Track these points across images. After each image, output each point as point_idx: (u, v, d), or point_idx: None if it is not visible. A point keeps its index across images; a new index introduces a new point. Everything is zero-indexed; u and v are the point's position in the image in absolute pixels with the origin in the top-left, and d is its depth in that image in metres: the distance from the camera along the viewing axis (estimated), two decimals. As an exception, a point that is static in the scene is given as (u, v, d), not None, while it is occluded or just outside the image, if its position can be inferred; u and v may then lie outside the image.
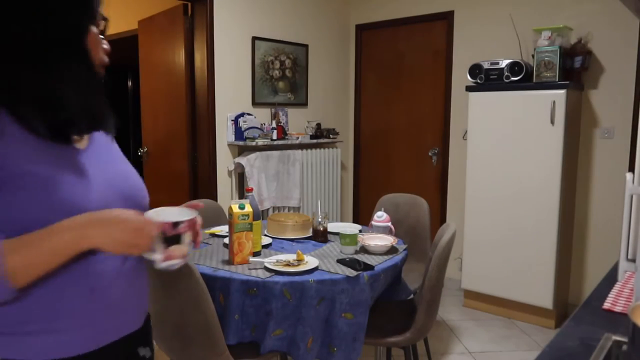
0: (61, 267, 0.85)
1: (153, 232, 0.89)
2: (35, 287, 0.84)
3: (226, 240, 2.25)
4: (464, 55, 3.89)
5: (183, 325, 1.78)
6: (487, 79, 3.39)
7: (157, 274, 1.77)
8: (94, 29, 0.91)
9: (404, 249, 2.22)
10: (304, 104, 4.17)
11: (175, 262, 0.94)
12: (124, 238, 0.86)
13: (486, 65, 3.39)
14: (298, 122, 4.12)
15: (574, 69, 3.26)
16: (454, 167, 4.03)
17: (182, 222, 0.94)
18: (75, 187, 0.88)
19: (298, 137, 3.88)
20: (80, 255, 0.86)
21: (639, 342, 0.90)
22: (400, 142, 4.38)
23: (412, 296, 2.36)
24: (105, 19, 0.94)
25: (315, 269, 1.89)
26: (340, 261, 1.98)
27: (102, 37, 0.94)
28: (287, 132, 3.90)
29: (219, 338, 1.75)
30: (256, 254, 2.06)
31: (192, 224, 0.96)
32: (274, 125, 3.70)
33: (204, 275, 1.84)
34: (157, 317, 1.88)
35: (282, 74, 3.95)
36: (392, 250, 2.18)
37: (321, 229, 2.34)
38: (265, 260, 1.94)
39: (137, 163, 3.59)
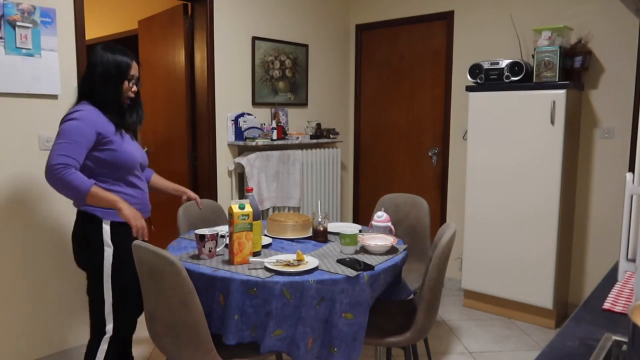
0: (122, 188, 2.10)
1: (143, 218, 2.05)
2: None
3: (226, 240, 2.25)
4: (464, 55, 3.89)
5: (172, 323, 1.78)
6: (487, 79, 3.39)
7: (149, 270, 1.77)
8: (126, 83, 2.10)
9: (404, 249, 2.22)
10: (304, 104, 4.17)
11: None
12: (133, 214, 1.96)
13: (486, 65, 3.39)
14: (298, 122, 4.12)
15: (574, 69, 3.26)
16: (454, 167, 4.03)
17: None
18: (131, 149, 2.09)
19: (298, 137, 3.88)
20: (131, 180, 2.12)
21: (639, 342, 0.90)
22: (400, 142, 4.38)
23: (412, 296, 2.36)
24: (137, 78, 2.12)
25: (315, 269, 1.89)
26: (340, 261, 1.98)
27: (133, 82, 2.11)
28: (287, 132, 3.90)
29: (205, 337, 1.75)
30: (256, 254, 2.06)
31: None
32: (274, 125, 3.70)
33: (204, 275, 1.84)
34: (150, 314, 1.89)
35: (282, 74, 3.95)
36: (392, 250, 2.18)
37: (321, 229, 2.34)
38: (265, 260, 1.94)
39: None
